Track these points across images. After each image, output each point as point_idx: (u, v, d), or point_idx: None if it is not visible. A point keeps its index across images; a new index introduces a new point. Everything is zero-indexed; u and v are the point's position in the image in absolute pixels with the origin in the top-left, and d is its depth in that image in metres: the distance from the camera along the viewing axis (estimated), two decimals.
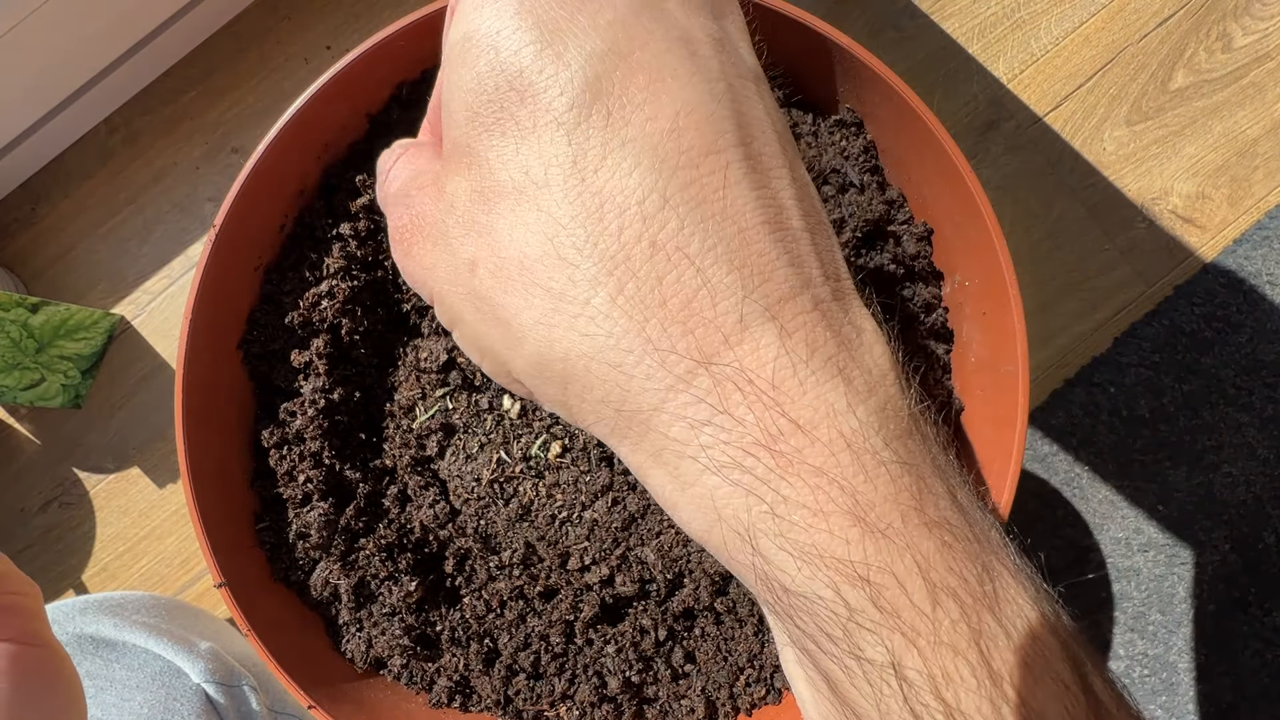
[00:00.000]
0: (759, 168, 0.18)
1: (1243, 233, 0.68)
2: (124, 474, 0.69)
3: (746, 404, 0.17)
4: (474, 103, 0.18)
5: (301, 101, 0.43)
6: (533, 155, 0.18)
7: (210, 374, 0.46)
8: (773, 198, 0.18)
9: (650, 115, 0.17)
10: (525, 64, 0.18)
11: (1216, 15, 0.68)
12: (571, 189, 0.17)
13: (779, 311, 0.17)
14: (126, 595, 0.50)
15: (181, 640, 0.47)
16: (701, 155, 0.17)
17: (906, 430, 0.18)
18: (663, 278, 0.17)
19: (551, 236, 0.17)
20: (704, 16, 0.19)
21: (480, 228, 0.18)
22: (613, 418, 0.18)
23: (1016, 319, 0.39)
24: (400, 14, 0.69)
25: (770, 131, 0.19)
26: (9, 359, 0.62)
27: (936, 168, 0.41)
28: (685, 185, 0.17)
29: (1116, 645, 0.67)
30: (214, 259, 0.44)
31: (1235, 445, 0.67)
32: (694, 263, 0.17)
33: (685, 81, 0.18)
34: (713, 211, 0.17)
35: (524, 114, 0.18)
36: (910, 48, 0.68)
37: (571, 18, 0.18)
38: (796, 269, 0.18)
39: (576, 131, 0.17)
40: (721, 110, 0.18)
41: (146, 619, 0.48)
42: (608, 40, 0.18)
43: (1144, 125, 0.68)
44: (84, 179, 0.70)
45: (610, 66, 0.18)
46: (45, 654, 0.26)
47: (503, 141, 0.18)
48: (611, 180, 0.17)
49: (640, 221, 0.17)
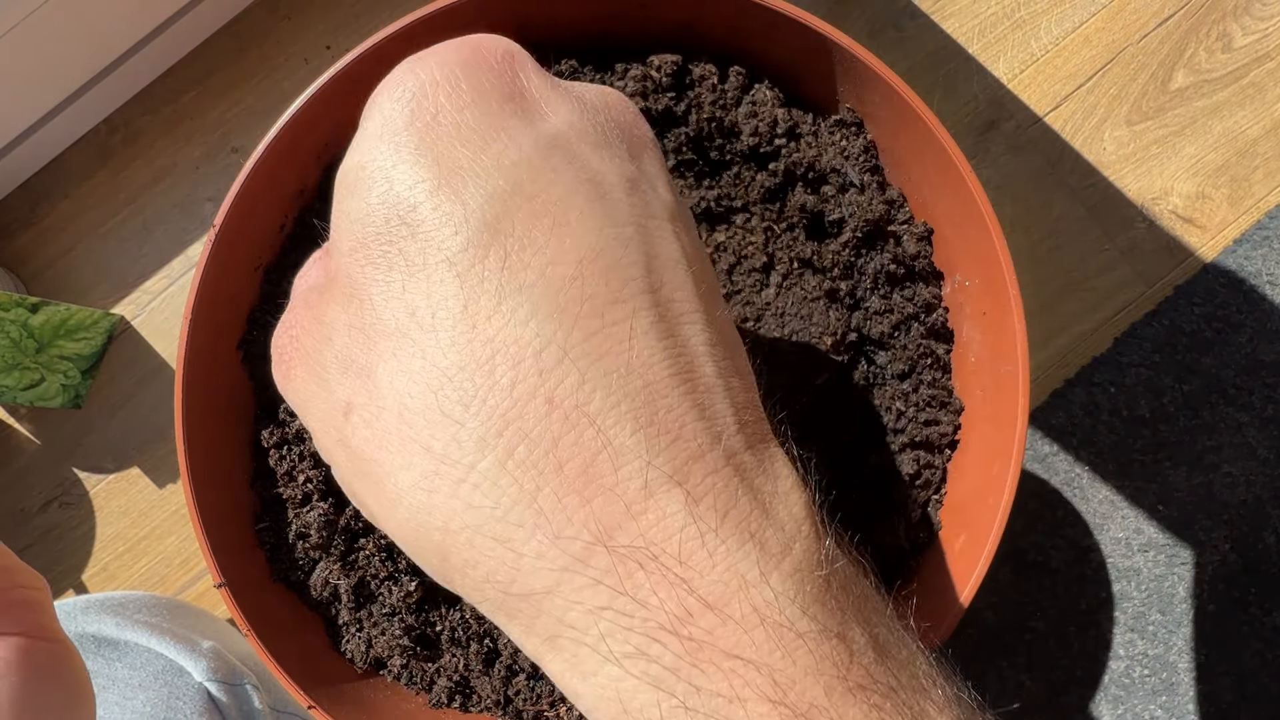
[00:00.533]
0: (668, 315, 0.17)
1: (1243, 233, 0.68)
2: (124, 474, 0.69)
3: (650, 584, 0.15)
4: (361, 233, 0.17)
5: (301, 101, 0.43)
6: (420, 295, 0.16)
7: (210, 374, 0.46)
8: (683, 347, 0.17)
9: (551, 260, 0.16)
10: (420, 199, 0.16)
11: (1216, 15, 0.68)
12: (460, 335, 0.16)
13: (688, 474, 0.16)
14: (128, 595, 0.50)
15: (184, 639, 0.47)
16: (606, 304, 0.16)
17: (824, 586, 0.17)
18: (559, 439, 0.15)
19: (436, 389, 0.16)
20: (618, 158, 0.18)
21: (357, 369, 0.17)
22: (499, 598, 0.16)
23: (1017, 319, 0.39)
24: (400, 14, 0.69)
25: (683, 274, 0.18)
26: (9, 359, 0.62)
27: (936, 167, 0.41)
28: (587, 336, 0.16)
29: (1116, 645, 0.67)
30: (214, 259, 0.44)
31: (1235, 445, 0.67)
32: (595, 422, 0.16)
33: (592, 225, 0.17)
34: (617, 365, 0.16)
35: (414, 250, 0.16)
36: (910, 48, 0.68)
37: (475, 157, 0.17)
38: (707, 422, 0.17)
39: (470, 273, 0.16)
40: (629, 256, 0.17)
41: (149, 618, 0.48)
42: (511, 181, 0.17)
43: (1144, 125, 0.68)
44: (84, 179, 0.70)
45: (512, 208, 0.16)
46: (56, 648, 0.26)
47: (389, 277, 0.17)
48: (506, 328, 0.16)
49: (536, 375, 0.16)
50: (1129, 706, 0.67)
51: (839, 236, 0.46)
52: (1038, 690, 0.66)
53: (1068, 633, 0.67)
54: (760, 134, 0.45)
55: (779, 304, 0.43)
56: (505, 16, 0.46)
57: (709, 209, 0.44)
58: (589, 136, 0.18)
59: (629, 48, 0.47)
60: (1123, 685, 0.67)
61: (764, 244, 0.44)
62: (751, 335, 0.44)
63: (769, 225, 0.44)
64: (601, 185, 0.17)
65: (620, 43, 0.46)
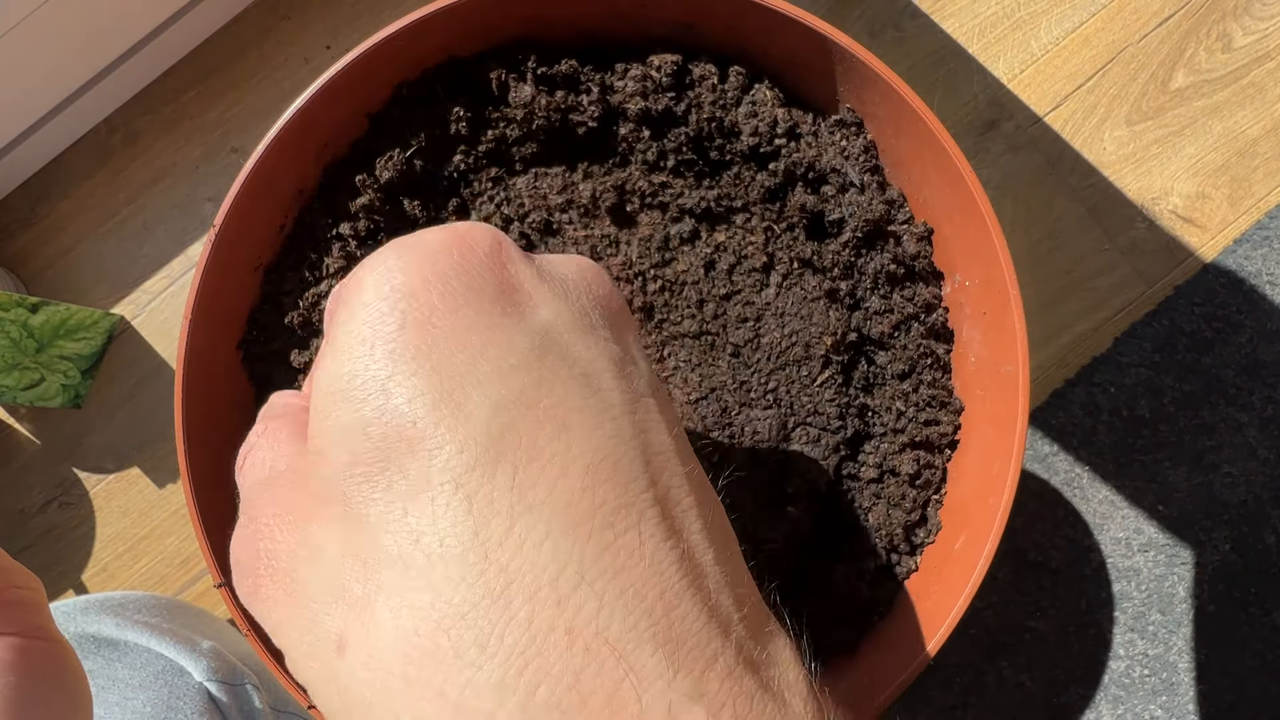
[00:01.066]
0: (671, 511, 0.17)
1: (1243, 233, 0.68)
2: (124, 474, 0.69)
3: None
4: (355, 446, 0.16)
5: (301, 101, 0.43)
6: (425, 520, 0.15)
7: (210, 374, 0.46)
8: (687, 544, 0.17)
9: (561, 471, 0.16)
10: (420, 414, 0.15)
11: (1216, 15, 0.68)
12: (473, 566, 0.15)
13: (705, 684, 0.15)
14: (128, 595, 0.50)
15: (184, 639, 0.47)
16: (614, 511, 0.16)
17: None
18: (581, 673, 0.15)
19: (447, 628, 0.15)
20: (603, 340, 0.18)
21: (353, 599, 0.15)
22: None
23: (1017, 319, 0.39)
24: (400, 14, 0.69)
25: (673, 457, 0.18)
26: (9, 359, 0.62)
27: (936, 167, 0.41)
28: (602, 551, 0.15)
29: (1117, 645, 0.67)
30: (214, 259, 0.44)
31: (1235, 445, 0.67)
32: (615, 649, 0.15)
33: (591, 423, 0.16)
34: (633, 580, 0.15)
35: (416, 468, 0.15)
36: (910, 48, 0.68)
37: (473, 363, 0.16)
38: (716, 620, 0.16)
39: (479, 494, 0.15)
40: (630, 452, 0.16)
41: (148, 618, 0.48)
42: (513, 388, 0.16)
43: (1144, 125, 0.68)
44: (84, 179, 0.70)
45: (516, 417, 0.16)
46: (52, 648, 0.26)
47: (388, 498, 0.15)
48: (520, 554, 0.15)
49: (555, 605, 0.15)
50: (1129, 706, 0.67)
51: (839, 236, 0.46)
52: (1037, 690, 0.67)
53: (1068, 633, 0.67)
54: (760, 134, 0.45)
55: (779, 304, 0.43)
56: (505, 16, 0.46)
57: (709, 209, 0.44)
58: (577, 323, 0.18)
59: (629, 47, 0.47)
60: (1123, 685, 0.67)
61: (764, 244, 0.44)
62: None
63: (769, 225, 0.44)
64: (593, 377, 0.17)
65: (620, 42, 0.46)
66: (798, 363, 0.43)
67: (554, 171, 0.46)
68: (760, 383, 0.44)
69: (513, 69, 0.47)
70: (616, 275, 0.44)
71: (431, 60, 0.45)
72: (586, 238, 0.44)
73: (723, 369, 0.44)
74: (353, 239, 0.47)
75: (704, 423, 0.44)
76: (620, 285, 0.44)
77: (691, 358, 0.44)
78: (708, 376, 0.44)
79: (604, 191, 0.44)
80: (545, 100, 0.46)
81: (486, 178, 0.46)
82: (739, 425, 0.44)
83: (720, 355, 0.44)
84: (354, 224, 0.47)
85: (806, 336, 0.43)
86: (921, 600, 0.43)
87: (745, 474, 0.45)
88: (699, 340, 0.44)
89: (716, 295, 0.44)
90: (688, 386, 0.44)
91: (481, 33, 0.45)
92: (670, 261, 0.44)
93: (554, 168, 0.47)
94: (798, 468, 0.44)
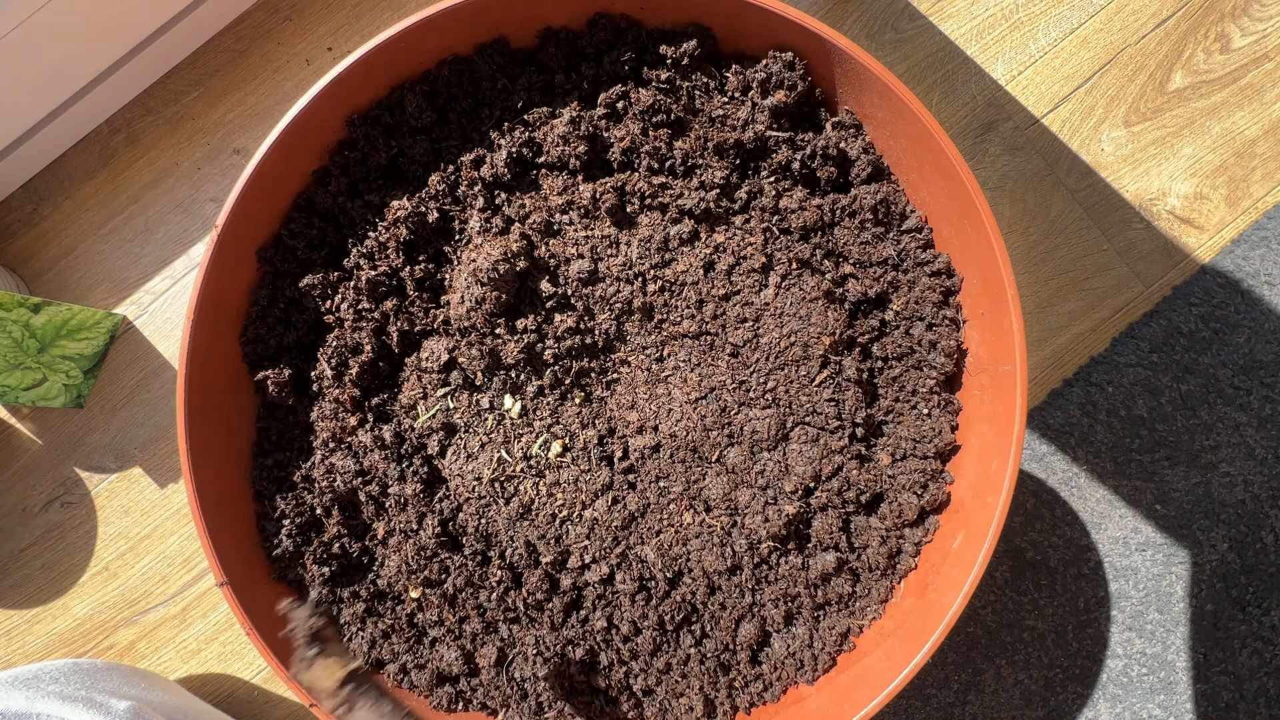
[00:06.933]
0: None
1: (1240, 233, 0.68)
2: (126, 473, 0.69)
3: None
4: None
5: (303, 102, 0.43)
6: None
7: (211, 374, 0.46)
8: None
9: None
10: None
11: (1215, 17, 0.69)
12: None
13: None
14: (43, 666, 0.52)
15: (98, 705, 0.48)
16: None
17: None
18: None
19: None
20: None
21: None
22: None
23: (1015, 319, 0.39)
24: (400, 15, 0.70)
25: None
26: (11, 359, 0.62)
27: (935, 168, 0.41)
28: None
29: (1114, 644, 0.67)
30: (216, 260, 0.44)
31: (1233, 445, 0.67)
32: None
33: None
34: None
35: None
36: (909, 49, 0.69)
37: None
38: None
39: None
40: None
41: (62, 688, 0.50)
42: None
43: (1142, 126, 0.69)
44: (86, 179, 0.70)
45: None
46: None
47: None
48: None
49: None
50: (1127, 705, 0.67)
51: (838, 236, 0.46)
52: (1035, 688, 0.67)
53: (1066, 631, 0.67)
54: (760, 134, 0.45)
55: (778, 304, 0.43)
56: (505, 17, 0.46)
57: (709, 209, 0.44)
58: None
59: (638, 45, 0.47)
60: (1120, 684, 0.67)
61: (763, 244, 0.44)
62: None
63: (768, 226, 0.44)
64: None
65: (620, 42, 0.46)
66: (796, 362, 0.43)
67: (555, 172, 0.47)
68: (759, 382, 0.44)
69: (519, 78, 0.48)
70: (617, 275, 0.44)
71: (432, 61, 0.45)
72: (587, 238, 0.44)
73: (722, 369, 0.44)
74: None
75: (704, 422, 0.44)
76: (620, 285, 0.44)
77: (691, 357, 0.44)
78: (707, 376, 0.44)
79: (604, 193, 0.44)
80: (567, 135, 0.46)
81: (486, 179, 0.47)
82: (738, 424, 0.44)
83: (720, 355, 0.44)
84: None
85: (805, 337, 0.43)
86: (920, 598, 0.43)
87: (744, 474, 0.45)
88: (699, 340, 0.44)
89: (716, 295, 0.44)
90: (687, 386, 0.44)
91: (483, 32, 0.45)
92: (670, 262, 0.44)
93: (556, 175, 0.47)
94: (797, 467, 0.44)
